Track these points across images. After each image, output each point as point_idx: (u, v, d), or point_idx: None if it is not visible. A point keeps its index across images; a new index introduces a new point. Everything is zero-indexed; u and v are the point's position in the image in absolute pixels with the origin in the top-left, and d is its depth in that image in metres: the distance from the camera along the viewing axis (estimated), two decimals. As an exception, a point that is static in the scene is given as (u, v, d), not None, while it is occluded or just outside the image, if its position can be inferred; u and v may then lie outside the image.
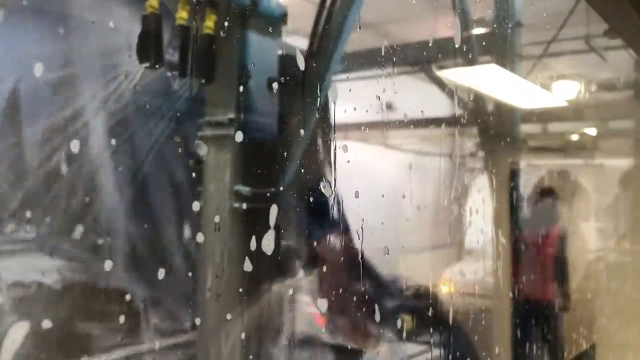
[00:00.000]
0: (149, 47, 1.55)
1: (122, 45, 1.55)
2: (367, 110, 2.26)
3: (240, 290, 1.51)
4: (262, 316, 1.64)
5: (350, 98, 2.13)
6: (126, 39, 1.50)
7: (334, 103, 1.96)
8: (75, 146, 1.40)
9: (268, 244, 1.45)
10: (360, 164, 1.96)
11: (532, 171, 3.96)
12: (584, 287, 3.86)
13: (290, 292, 1.72)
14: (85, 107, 1.70)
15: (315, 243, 1.74)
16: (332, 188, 1.66)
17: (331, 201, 1.82)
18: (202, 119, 1.69)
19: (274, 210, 1.49)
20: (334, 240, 1.71)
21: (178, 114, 1.71)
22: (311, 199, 1.79)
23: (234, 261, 1.53)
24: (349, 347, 1.84)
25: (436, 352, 2.12)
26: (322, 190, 1.70)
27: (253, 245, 1.44)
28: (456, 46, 2.76)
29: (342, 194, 1.76)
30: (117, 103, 1.66)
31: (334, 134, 1.72)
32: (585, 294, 3.83)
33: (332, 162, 1.71)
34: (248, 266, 1.47)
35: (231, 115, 1.67)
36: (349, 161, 1.76)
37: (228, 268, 1.52)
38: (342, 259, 1.74)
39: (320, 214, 1.78)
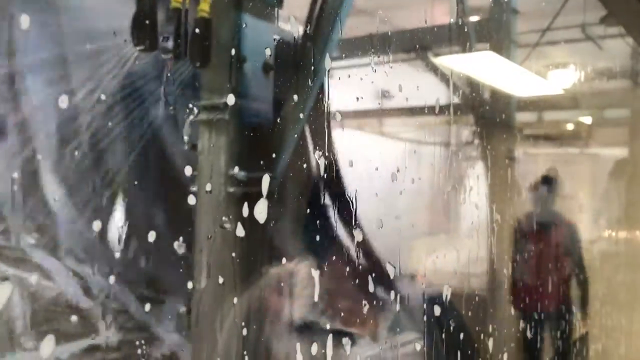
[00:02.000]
0: (143, 30, 1.54)
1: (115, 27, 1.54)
2: (362, 97, 2.25)
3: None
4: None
5: (346, 84, 2.13)
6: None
7: (330, 87, 1.96)
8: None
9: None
10: (357, 147, 1.96)
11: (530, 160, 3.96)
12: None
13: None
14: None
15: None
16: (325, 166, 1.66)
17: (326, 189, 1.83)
18: (197, 103, 1.68)
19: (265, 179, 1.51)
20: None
21: (172, 98, 1.71)
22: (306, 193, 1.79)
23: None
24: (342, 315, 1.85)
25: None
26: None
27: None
28: (452, 32, 2.76)
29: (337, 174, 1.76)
30: (110, 86, 1.66)
31: (330, 117, 1.72)
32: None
33: (327, 142, 1.71)
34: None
35: (226, 99, 1.66)
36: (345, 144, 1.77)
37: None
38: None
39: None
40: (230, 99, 1.61)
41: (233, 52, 1.68)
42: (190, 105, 1.67)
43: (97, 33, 1.61)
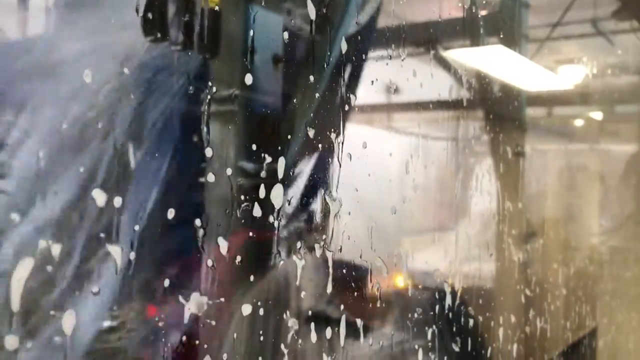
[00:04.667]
0: (153, 20, 1.54)
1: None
2: (375, 91, 2.25)
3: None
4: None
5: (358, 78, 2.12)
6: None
7: (342, 78, 1.95)
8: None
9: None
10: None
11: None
12: (587, 270, 3.86)
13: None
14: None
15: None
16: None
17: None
18: (207, 94, 1.67)
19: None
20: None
21: (182, 89, 1.70)
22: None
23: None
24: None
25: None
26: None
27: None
28: (463, 26, 2.74)
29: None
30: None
31: (342, 111, 1.71)
32: (588, 277, 3.83)
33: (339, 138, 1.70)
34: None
35: (236, 91, 1.66)
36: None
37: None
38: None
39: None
40: (248, 79, 1.61)
41: (245, 40, 1.67)
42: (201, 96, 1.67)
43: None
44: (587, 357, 3.50)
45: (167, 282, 1.49)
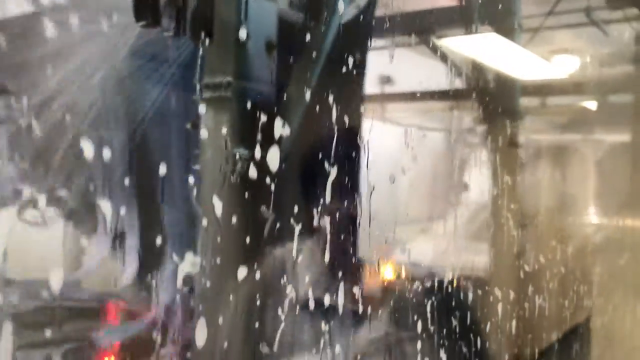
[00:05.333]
0: (145, 6, 1.53)
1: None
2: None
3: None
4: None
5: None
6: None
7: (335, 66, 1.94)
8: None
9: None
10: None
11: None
12: (582, 258, 3.87)
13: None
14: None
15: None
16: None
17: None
18: (200, 81, 1.66)
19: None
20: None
21: (175, 75, 1.69)
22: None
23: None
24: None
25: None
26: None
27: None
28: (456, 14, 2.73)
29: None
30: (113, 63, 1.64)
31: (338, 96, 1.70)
32: (582, 266, 3.84)
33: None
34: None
35: (229, 78, 1.65)
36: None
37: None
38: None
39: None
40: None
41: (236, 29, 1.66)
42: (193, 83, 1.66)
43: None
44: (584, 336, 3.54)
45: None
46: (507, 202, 3.29)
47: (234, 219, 1.52)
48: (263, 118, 1.67)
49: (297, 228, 1.67)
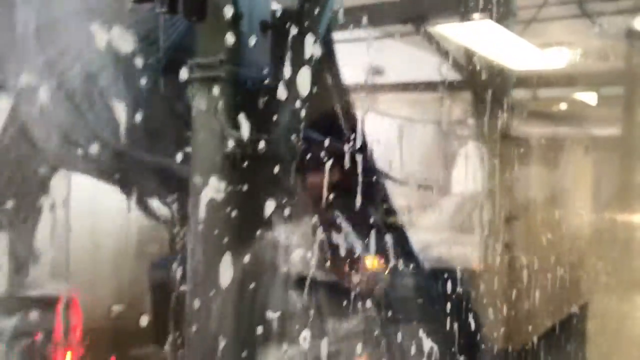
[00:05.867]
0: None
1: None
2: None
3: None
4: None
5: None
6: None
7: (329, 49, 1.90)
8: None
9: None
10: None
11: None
12: (575, 250, 3.88)
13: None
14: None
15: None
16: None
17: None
18: (192, 60, 1.61)
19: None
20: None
21: (167, 54, 1.64)
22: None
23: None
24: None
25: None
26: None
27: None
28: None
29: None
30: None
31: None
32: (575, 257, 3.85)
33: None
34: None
35: (222, 57, 1.59)
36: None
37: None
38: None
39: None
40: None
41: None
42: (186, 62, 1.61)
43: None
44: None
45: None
46: (496, 195, 3.28)
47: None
48: (257, 98, 1.63)
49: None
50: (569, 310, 3.71)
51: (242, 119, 1.58)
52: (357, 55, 2.21)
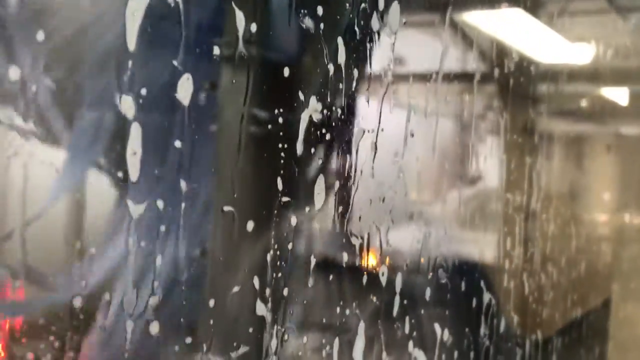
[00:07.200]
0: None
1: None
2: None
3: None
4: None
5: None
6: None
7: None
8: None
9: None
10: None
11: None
12: (595, 249, 3.83)
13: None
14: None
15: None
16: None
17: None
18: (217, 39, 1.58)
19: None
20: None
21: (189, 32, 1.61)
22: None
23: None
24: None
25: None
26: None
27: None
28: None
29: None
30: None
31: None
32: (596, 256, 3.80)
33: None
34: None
35: (249, 34, 1.56)
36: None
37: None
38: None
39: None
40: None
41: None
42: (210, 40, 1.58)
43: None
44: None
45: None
46: (517, 190, 3.23)
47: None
48: (285, 78, 1.59)
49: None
50: (587, 308, 3.67)
51: (269, 97, 1.56)
52: (379, 44, 2.17)
